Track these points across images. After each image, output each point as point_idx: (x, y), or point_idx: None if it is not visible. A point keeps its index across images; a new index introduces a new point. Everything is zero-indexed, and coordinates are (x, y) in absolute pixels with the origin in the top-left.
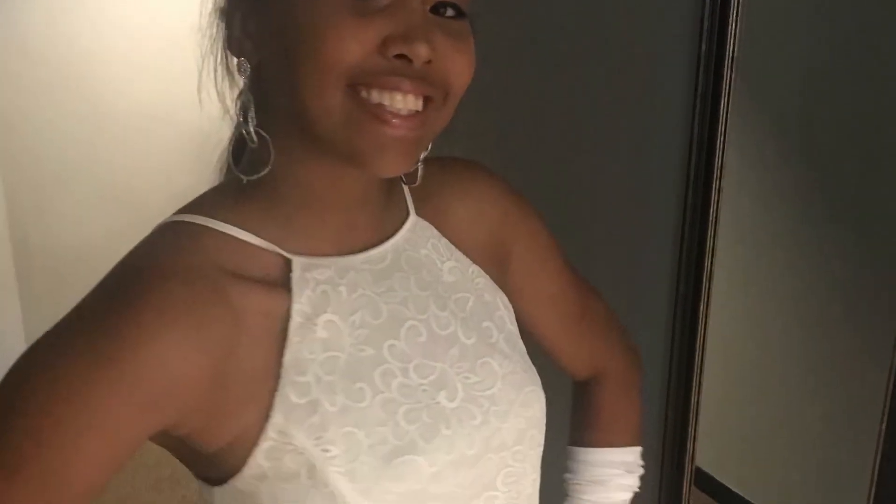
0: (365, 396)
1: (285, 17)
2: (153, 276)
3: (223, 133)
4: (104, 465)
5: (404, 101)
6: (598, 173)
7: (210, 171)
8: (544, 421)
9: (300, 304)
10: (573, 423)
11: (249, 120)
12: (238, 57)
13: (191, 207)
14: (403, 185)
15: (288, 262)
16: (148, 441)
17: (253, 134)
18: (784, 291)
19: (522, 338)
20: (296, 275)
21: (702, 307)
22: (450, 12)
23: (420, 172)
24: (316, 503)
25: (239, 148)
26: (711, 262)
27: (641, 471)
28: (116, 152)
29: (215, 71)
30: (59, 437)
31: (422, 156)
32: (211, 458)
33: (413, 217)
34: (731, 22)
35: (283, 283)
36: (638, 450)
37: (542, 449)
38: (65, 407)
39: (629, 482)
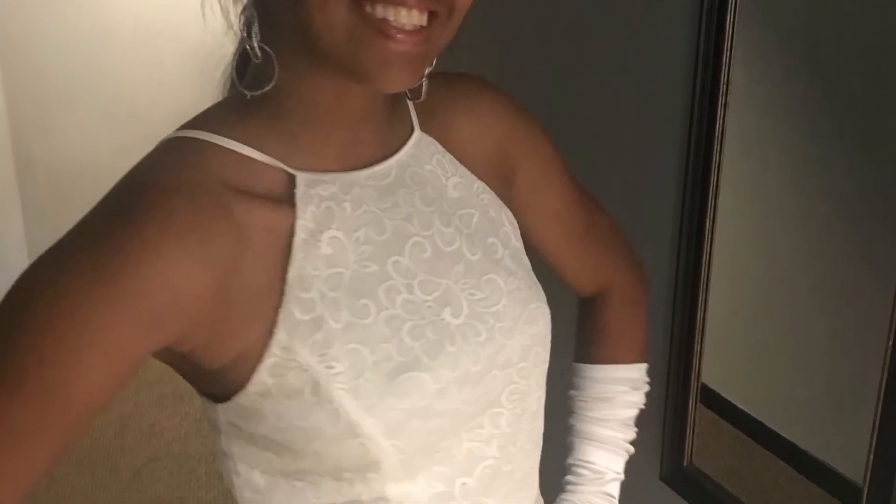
0: (369, 313)
1: None
2: (156, 192)
3: (227, 48)
4: (107, 383)
5: (409, 16)
6: (602, 88)
7: (214, 87)
8: (549, 337)
9: (304, 221)
10: (578, 339)
11: (253, 35)
12: None
13: (194, 123)
14: (408, 101)
15: (292, 178)
16: (151, 358)
17: (257, 49)
18: (790, 207)
19: (527, 254)
20: (300, 191)
21: (708, 223)
22: None
23: (424, 88)
24: (320, 420)
25: (243, 63)
26: (717, 178)
27: (647, 388)
28: (120, 68)
29: None
30: (61, 354)
31: (426, 71)
32: (214, 375)
33: (417, 133)
34: None
35: (287, 200)
36: (643, 366)
37: (546, 366)
38: (67, 324)
39: (635, 399)
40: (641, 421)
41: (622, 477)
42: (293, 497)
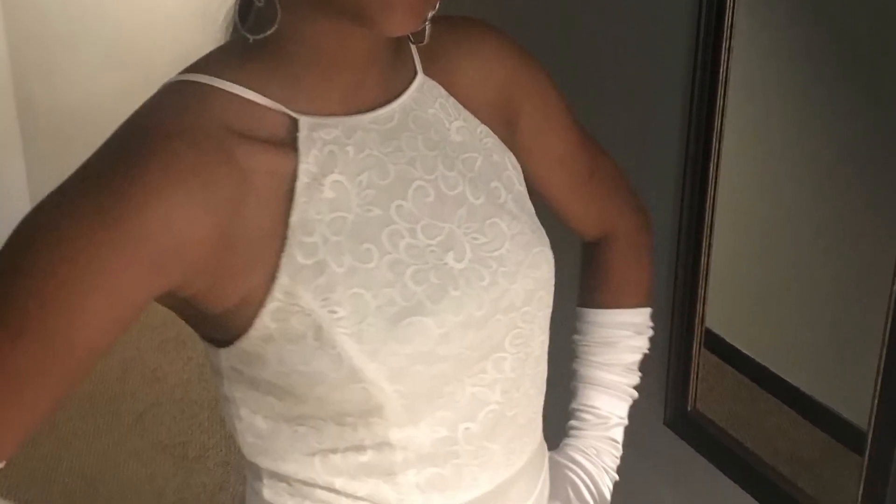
0: (372, 257)
1: None
2: (158, 136)
3: None
4: (109, 327)
5: None
6: (605, 32)
7: (216, 31)
8: (553, 282)
9: (307, 164)
10: (582, 284)
11: None
12: None
13: (196, 67)
14: (411, 45)
15: (294, 122)
16: (153, 302)
17: None
18: (794, 151)
19: (531, 198)
20: (302, 134)
21: (711, 168)
22: None
23: (428, 32)
24: (322, 365)
25: (245, 6)
26: (721, 123)
27: (651, 332)
28: (123, 11)
29: None
30: (63, 299)
31: (429, 15)
32: (217, 320)
33: (421, 76)
34: None
35: (289, 143)
36: (647, 311)
37: (550, 310)
38: (69, 268)
39: (638, 344)
40: (645, 366)
41: (626, 422)
42: (295, 442)
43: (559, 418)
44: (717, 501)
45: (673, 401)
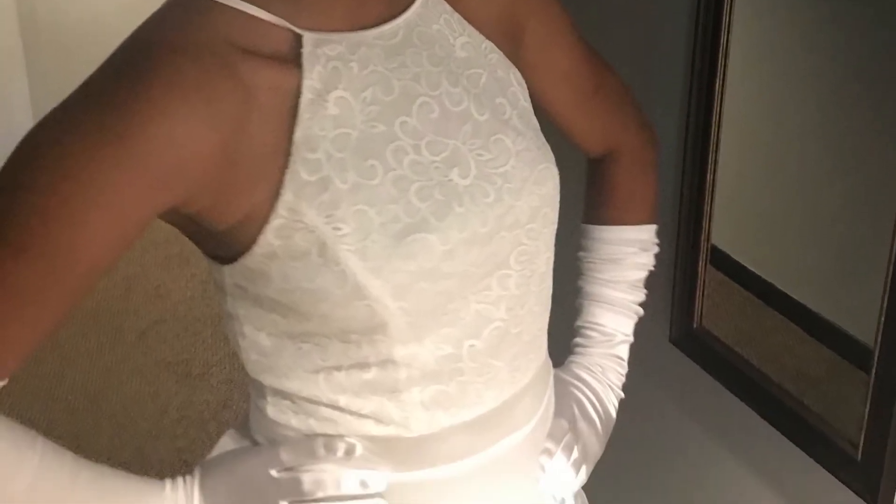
0: (376, 174)
1: None
2: (162, 52)
3: None
4: (112, 244)
5: None
6: None
7: None
8: (558, 199)
9: (311, 81)
10: (587, 200)
11: None
12: None
13: None
14: None
15: (298, 38)
16: (157, 219)
17: None
18: (802, 67)
19: (536, 115)
20: (306, 50)
21: (717, 83)
22: None
23: None
24: (326, 282)
25: None
26: (727, 38)
27: (656, 249)
28: None
29: None
30: (66, 215)
31: None
32: (221, 237)
33: None
34: None
35: (293, 60)
36: (653, 228)
37: (555, 227)
38: (72, 184)
39: (644, 260)
40: (651, 283)
41: (631, 339)
42: (299, 359)
43: (564, 336)
44: (723, 418)
45: (678, 318)
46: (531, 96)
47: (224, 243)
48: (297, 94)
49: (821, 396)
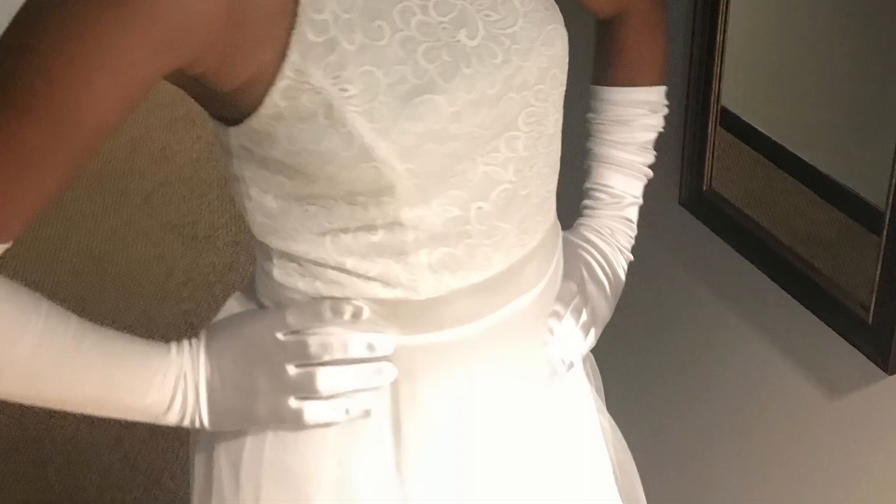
0: (383, 35)
1: None
2: None
3: None
4: (117, 105)
5: None
6: None
7: None
8: (567, 60)
9: None
10: (596, 62)
11: None
12: None
13: None
14: None
15: None
16: (162, 81)
17: None
18: None
19: None
20: None
21: None
22: None
23: None
24: (333, 143)
25: None
26: None
27: (666, 111)
28: None
29: None
30: (71, 76)
31: None
32: (227, 98)
33: None
34: None
35: None
36: (663, 89)
37: (564, 88)
38: (77, 45)
39: (653, 122)
40: (660, 145)
41: (640, 201)
42: (306, 221)
43: (573, 198)
44: (733, 281)
45: (688, 180)
46: None
47: (230, 105)
48: None
49: (831, 259)
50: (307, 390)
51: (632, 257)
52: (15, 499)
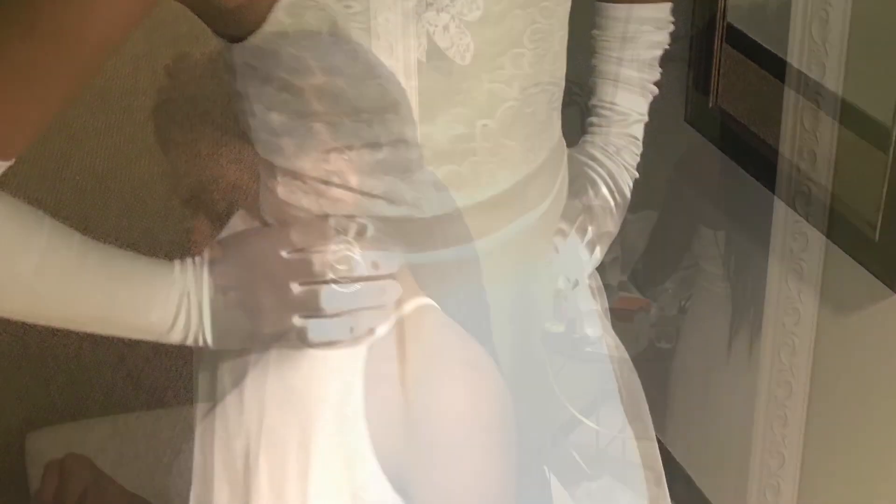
0: None
1: None
2: None
3: None
4: (120, 21)
5: None
6: None
7: None
8: None
9: None
10: None
11: None
12: None
13: None
14: None
15: None
16: None
17: None
18: None
19: None
20: None
21: None
22: None
23: None
24: (337, 60)
25: None
26: None
27: (671, 27)
28: None
29: None
30: None
31: None
32: (231, 14)
33: None
34: None
35: None
36: (668, 6)
37: (569, 5)
38: None
39: (659, 39)
40: (666, 62)
41: (646, 118)
42: (310, 139)
43: (578, 116)
44: (739, 198)
45: (694, 97)
46: None
47: (234, 21)
48: None
49: (838, 177)
50: (311, 308)
51: (637, 175)
52: (17, 417)
